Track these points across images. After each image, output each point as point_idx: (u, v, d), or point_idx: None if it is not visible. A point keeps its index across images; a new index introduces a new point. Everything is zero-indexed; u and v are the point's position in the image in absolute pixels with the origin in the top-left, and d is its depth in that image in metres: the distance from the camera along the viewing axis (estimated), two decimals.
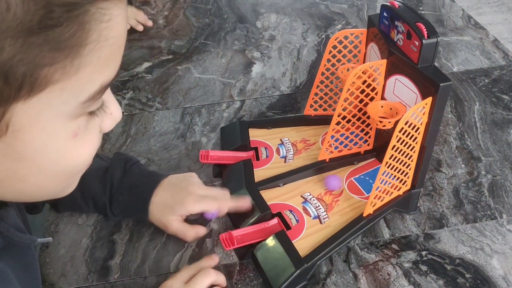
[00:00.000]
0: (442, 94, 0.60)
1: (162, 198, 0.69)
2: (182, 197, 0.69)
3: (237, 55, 1.14)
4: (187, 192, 0.69)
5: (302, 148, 0.84)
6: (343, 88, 0.82)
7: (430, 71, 0.62)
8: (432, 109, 0.62)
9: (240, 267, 0.70)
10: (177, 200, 0.69)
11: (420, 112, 0.62)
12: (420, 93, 0.64)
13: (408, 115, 0.60)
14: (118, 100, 1.02)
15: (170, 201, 0.69)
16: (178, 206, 0.68)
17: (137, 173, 0.72)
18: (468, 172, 0.82)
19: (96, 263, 0.72)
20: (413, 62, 0.63)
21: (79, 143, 0.37)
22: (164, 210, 0.69)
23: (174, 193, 0.69)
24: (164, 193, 0.70)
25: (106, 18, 0.32)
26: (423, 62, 0.62)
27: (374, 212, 0.70)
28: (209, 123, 0.95)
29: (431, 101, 0.61)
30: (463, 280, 0.66)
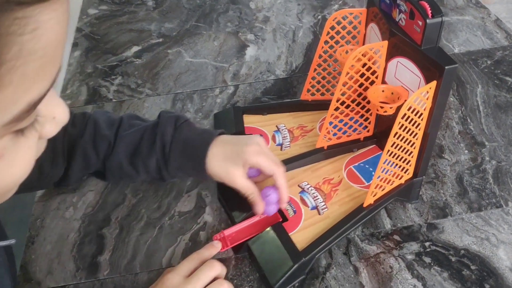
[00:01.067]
0: (447, 78, 0.56)
1: (220, 150, 0.64)
2: (243, 144, 0.64)
3: (230, 37, 1.10)
4: (249, 140, 0.64)
5: (299, 135, 0.80)
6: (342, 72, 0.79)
7: (434, 53, 0.58)
8: (437, 93, 0.58)
9: (236, 262, 0.67)
10: (237, 148, 0.63)
11: (424, 97, 0.58)
12: (423, 77, 0.60)
13: (411, 101, 0.56)
14: (106, 86, 0.99)
15: (229, 152, 0.63)
16: (238, 154, 0.63)
17: (188, 130, 0.66)
18: (472, 158, 0.79)
19: (85, 260, 0.68)
20: (416, 43, 0.59)
21: (8, 163, 0.31)
22: (223, 163, 0.63)
23: (234, 143, 0.64)
24: (221, 147, 0.64)
25: (29, 29, 0.26)
26: (427, 44, 0.58)
27: (375, 202, 0.67)
28: (202, 110, 0.91)
29: (435, 85, 0.57)
30: (469, 272, 0.64)
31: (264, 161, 0.63)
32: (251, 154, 0.63)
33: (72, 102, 0.95)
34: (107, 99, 0.96)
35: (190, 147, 0.64)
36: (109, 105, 0.94)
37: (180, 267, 0.59)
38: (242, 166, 0.63)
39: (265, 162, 0.63)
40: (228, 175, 0.63)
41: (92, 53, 1.08)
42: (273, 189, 0.65)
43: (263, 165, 0.64)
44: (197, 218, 0.72)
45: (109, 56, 1.07)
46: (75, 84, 1.00)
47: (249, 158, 0.63)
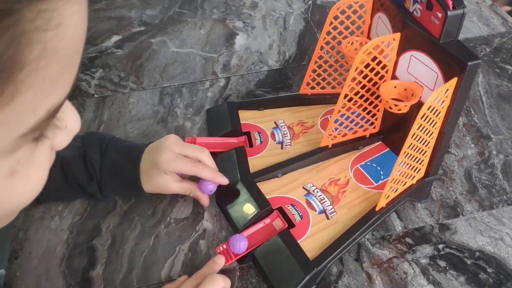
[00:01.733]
0: (469, 74, 0.53)
1: (144, 168, 0.65)
2: (157, 155, 0.64)
3: (217, 25, 1.03)
4: (159, 151, 0.64)
5: (299, 132, 0.76)
6: (345, 65, 0.75)
7: (455, 47, 0.54)
8: (457, 91, 0.54)
9: (241, 272, 0.62)
10: (154, 163, 0.64)
11: (444, 95, 0.54)
12: (441, 73, 0.56)
13: (432, 100, 0.52)
14: (86, 80, 0.92)
15: (150, 167, 0.65)
16: (155, 166, 0.64)
17: (115, 152, 0.66)
18: (479, 152, 0.76)
19: (75, 275, 0.63)
20: (434, 36, 0.55)
21: (21, 179, 0.27)
22: (150, 178, 0.65)
23: (151, 159, 0.65)
24: (144, 164, 0.65)
25: (53, 24, 0.22)
26: (446, 37, 0.54)
27: (387, 205, 0.63)
28: (192, 105, 0.86)
29: (455, 82, 0.53)
30: (486, 275, 0.61)
31: (180, 166, 0.64)
32: (165, 164, 0.63)
33: None
34: (88, 95, 0.89)
35: (120, 172, 0.66)
36: (91, 101, 0.87)
37: (183, 286, 0.56)
38: (166, 175, 0.64)
39: (181, 167, 0.64)
40: (161, 188, 0.66)
41: None
42: None
43: (181, 171, 0.65)
44: (195, 225, 0.67)
45: (87, 47, 0.99)
46: None
47: (167, 169, 0.64)
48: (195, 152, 0.66)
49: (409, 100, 0.59)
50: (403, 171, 0.61)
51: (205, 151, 0.66)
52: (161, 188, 0.66)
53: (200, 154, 0.66)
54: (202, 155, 0.66)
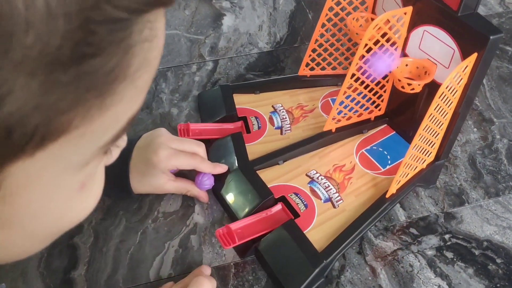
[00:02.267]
0: (490, 49, 0.49)
1: (135, 168, 0.59)
2: (152, 153, 0.59)
3: (203, 5, 0.97)
4: (155, 146, 0.59)
5: (299, 116, 0.71)
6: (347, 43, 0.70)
7: (474, 20, 0.49)
8: (475, 68, 0.50)
9: (236, 269, 0.58)
10: (148, 162, 0.59)
11: (462, 73, 0.50)
12: (459, 49, 0.51)
13: (451, 77, 0.48)
14: None
15: (143, 167, 0.59)
16: (151, 165, 0.59)
17: None
18: (482, 136, 0.72)
19: (55, 276, 0.57)
20: (450, 9, 0.50)
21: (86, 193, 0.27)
22: (143, 179, 0.60)
23: (145, 158, 0.60)
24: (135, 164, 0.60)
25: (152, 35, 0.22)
26: (465, 9, 0.50)
27: (397, 191, 0.59)
28: (178, 90, 0.80)
29: (475, 58, 0.49)
30: (495, 266, 0.58)
31: (179, 162, 0.60)
32: (164, 162, 0.59)
33: None
34: None
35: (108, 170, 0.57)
36: None
37: None
38: (162, 174, 0.60)
39: (181, 163, 0.60)
40: (155, 188, 0.61)
41: None
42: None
43: (179, 167, 0.61)
44: (185, 220, 0.63)
45: None
46: None
47: (163, 167, 0.60)
48: (192, 146, 0.62)
49: (422, 78, 0.55)
50: (416, 155, 0.57)
51: (201, 145, 0.62)
52: (155, 189, 0.62)
53: (197, 148, 0.62)
54: (199, 149, 0.62)
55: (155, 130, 0.62)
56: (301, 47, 0.88)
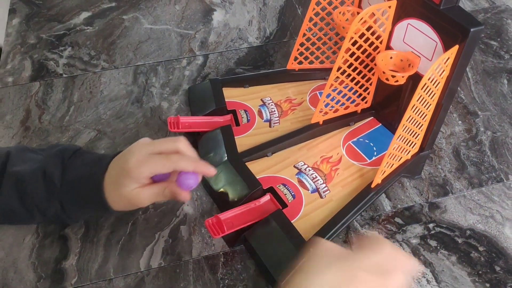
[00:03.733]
0: (471, 41, 0.50)
1: (111, 181, 0.53)
2: (123, 163, 0.52)
3: (193, 0, 0.98)
4: (126, 157, 0.52)
5: (287, 109, 0.72)
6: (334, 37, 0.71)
7: (456, 14, 0.51)
8: (457, 60, 0.51)
9: (225, 259, 0.59)
10: (120, 170, 0.52)
11: (444, 64, 0.51)
12: (441, 41, 0.53)
13: (433, 69, 0.49)
14: (54, 59, 0.86)
15: (116, 177, 0.53)
16: (124, 176, 0.52)
17: (79, 165, 0.55)
18: (466, 129, 0.74)
19: (47, 266, 0.58)
20: (433, 2, 0.52)
21: None
22: (119, 191, 0.53)
23: (118, 165, 0.53)
24: (110, 174, 0.53)
25: None
26: (447, 3, 0.51)
27: (382, 181, 0.60)
28: (169, 84, 0.81)
29: (456, 50, 0.51)
30: (477, 254, 0.59)
31: (153, 167, 0.52)
32: (137, 170, 0.51)
33: (14, 79, 0.82)
34: (56, 74, 0.83)
35: (83, 185, 0.53)
36: (60, 81, 0.82)
37: None
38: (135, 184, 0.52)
39: (155, 167, 0.52)
40: (129, 200, 0.53)
41: (34, 21, 0.94)
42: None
43: (155, 171, 0.52)
44: (175, 211, 0.64)
45: (55, 24, 0.93)
46: (17, 57, 0.86)
47: (137, 176, 0.52)
48: (168, 144, 0.54)
49: (406, 71, 0.56)
50: (400, 145, 0.58)
51: (180, 139, 0.54)
52: (129, 201, 0.53)
53: (174, 144, 0.53)
54: (178, 144, 0.53)
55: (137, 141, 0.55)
56: (290, 41, 0.89)
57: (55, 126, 0.74)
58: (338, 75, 0.61)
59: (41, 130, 0.73)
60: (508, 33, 0.91)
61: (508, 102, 0.78)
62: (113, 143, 0.71)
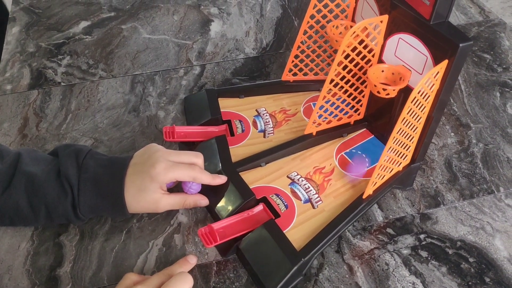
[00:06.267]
0: (460, 56, 0.51)
1: (132, 183, 0.58)
2: (149, 167, 0.57)
3: (191, 11, 1.00)
4: (153, 160, 0.58)
5: (282, 120, 0.73)
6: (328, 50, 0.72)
7: (445, 29, 0.52)
8: (447, 74, 0.52)
9: (218, 267, 0.59)
10: (146, 174, 0.57)
11: (434, 78, 0.52)
12: (431, 55, 0.54)
13: (422, 83, 0.50)
14: (53, 67, 0.87)
15: (139, 181, 0.57)
16: (149, 179, 0.57)
17: (95, 166, 0.58)
18: (459, 141, 0.75)
19: (41, 274, 0.59)
20: (423, 18, 0.53)
21: None
22: (140, 195, 0.58)
23: (141, 169, 0.58)
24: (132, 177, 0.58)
25: None
26: (437, 18, 0.52)
27: (374, 192, 0.61)
28: (166, 93, 0.82)
29: (446, 65, 0.52)
30: (467, 265, 0.60)
31: (176, 173, 0.58)
32: (160, 175, 0.57)
33: (13, 87, 0.83)
34: (54, 83, 0.84)
35: (103, 187, 0.58)
36: (58, 89, 0.83)
37: (150, 280, 0.53)
38: (158, 188, 0.58)
39: (178, 174, 0.59)
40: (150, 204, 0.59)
41: (33, 30, 0.95)
42: None
43: (178, 178, 0.59)
44: (169, 219, 0.64)
45: (54, 33, 0.94)
46: (16, 65, 0.87)
47: (162, 180, 0.58)
48: (190, 158, 0.61)
49: (397, 84, 0.57)
50: (391, 157, 0.59)
51: (199, 156, 0.61)
52: (150, 205, 0.59)
53: (195, 159, 0.61)
54: (197, 160, 0.61)
55: (150, 146, 0.61)
56: (286, 53, 0.90)
57: (53, 134, 0.75)
58: (331, 88, 0.63)
59: (39, 138, 0.74)
60: (501, 46, 0.92)
61: (500, 114, 0.79)
62: (109, 151, 0.72)
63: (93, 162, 0.58)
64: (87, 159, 0.58)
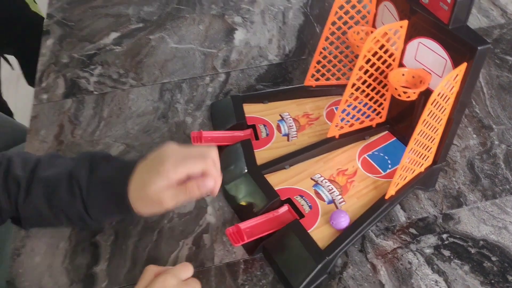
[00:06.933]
0: (479, 59, 0.52)
1: (137, 181, 0.54)
2: (157, 165, 0.54)
3: (216, 20, 1.03)
4: (162, 157, 0.54)
5: (305, 124, 0.75)
6: (349, 55, 0.74)
7: (464, 32, 0.53)
8: (466, 76, 0.54)
9: (245, 266, 0.62)
10: (153, 172, 0.54)
11: (453, 81, 0.54)
12: (450, 59, 0.55)
13: (442, 85, 0.52)
14: (85, 77, 0.92)
15: (146, 178, 0.54)
16: (157, 176, 0.53)
17: (106, 168, 0.57)
18: (481, 142, 0.76)
19: (79, 271, 0.62)
20: (442, 22, 0.54)
21: None
22: (145, 193, 0.53)
23: (149, 167, 0.55)
24: (138, 176, 0.55)
25: None
26: (455, 23, 0.54)
27: (396, 193, 0.63)
28: (193, 100, 0.85)
29: (465, 68, 0.53)
30: (490, 264, 0.61)
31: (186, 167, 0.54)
32: (170, 171, 0.53)
33: (48, 96, 0.88)
34: (87, 92, 0.88)
35: (108, 187, 0.56)
36: (91, 98, 0.87)
37: (177, 270, 0.54)
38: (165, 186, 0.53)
39: (188, 167, 0.54)
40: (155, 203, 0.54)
41: (66, 41, 1.00)
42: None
43: (188, 172, 0.54)
44: (198, 220, 0.67)
45: (86, 44, 0.99)
46: (51, 76, 0.92)
47: (173, 177, 0.53)
48: (202, 150, 0.57)
49: (418, 87, 0.59)
50: (413, 158, 0.61)
51: (213, 148, 0.57)
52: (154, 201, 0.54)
53: (207, 151, 0.56)
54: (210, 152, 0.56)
55: (164, 146, 0.57)
56: (308, 59, 0.92)
57: (87, 140, 0.79)
58: (353, 91, 0.65)
59: (74, 144, 0.78)
60: None
61: None
62: (140, 156, 0.75)
63: (106, 165, 0.57)
64: (101, 163, 0.57)
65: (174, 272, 0.54)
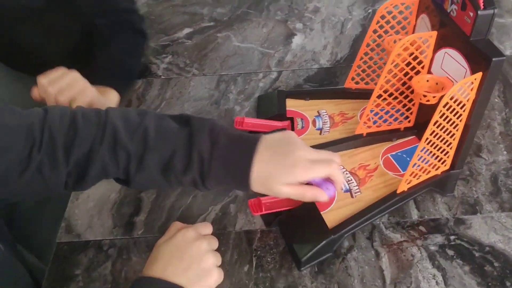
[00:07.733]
0: (493, 70, 0.57)
1: (264, 169, 0.57)
2: (289, 165, 0.57)
3: (279, 25, 1.12)
4: (294, 158, 0.57)
5: (339, 121, 0.82)
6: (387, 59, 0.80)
7: (483, 45, 0.58)
8: (481, 85, 0.58)
9: (261, 235, 0.70)
10: (283, 170, 0.57)
11: (468, 88, 0.58)
12: (469, 68, 0.60)
13: (454, 90, 0.57)
14: (156, 63, 1.05)
15: (273, 171, 0.57)
16: (285, 175, 0.57)
17: (226, 143, 0.58)
18: (510, 159, 0.78)
19: (122, 218, 0.73)
20: (465, 34, 0.59)
21: None
22: (267, 182, 0.57)
23: (279, 161, 0.57)
24: (265, 164, 0.57)
25: None
26: (476, 35, 0.58)
27: (409, 190, 0.68)
28: (244, 92, 0.95)
29: (480, 77, 0.58)
30: (491, 268, 0.64)
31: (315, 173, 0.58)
32: (301, 172, 0.57)
33: None
34: (156, 75, 1.01)
35: (231, 164, 0.57)
36: (158, 81, 0.99)
37: (198, 226, 0.64)
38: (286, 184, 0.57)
39: (317, 173, 0.58)
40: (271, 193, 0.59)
41: None
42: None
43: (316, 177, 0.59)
44: (229, 191, 0.76)
45: (162, 36, 1.12)
46: None
47: (300, 178, 0.57)
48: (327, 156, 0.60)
49: (438, 93, 0.64)
50: (426, 159, 0.65)
51: (338, 156, 0.61)
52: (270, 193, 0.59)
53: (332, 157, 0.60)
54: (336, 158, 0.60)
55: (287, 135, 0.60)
56: None
57: None
58: (381, 93, 0.70)
59: None
60: None
61: None
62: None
63: (224, 138, 0.58)
64: (220, 136, 0.58)
65: (195, 227, 0.63)
